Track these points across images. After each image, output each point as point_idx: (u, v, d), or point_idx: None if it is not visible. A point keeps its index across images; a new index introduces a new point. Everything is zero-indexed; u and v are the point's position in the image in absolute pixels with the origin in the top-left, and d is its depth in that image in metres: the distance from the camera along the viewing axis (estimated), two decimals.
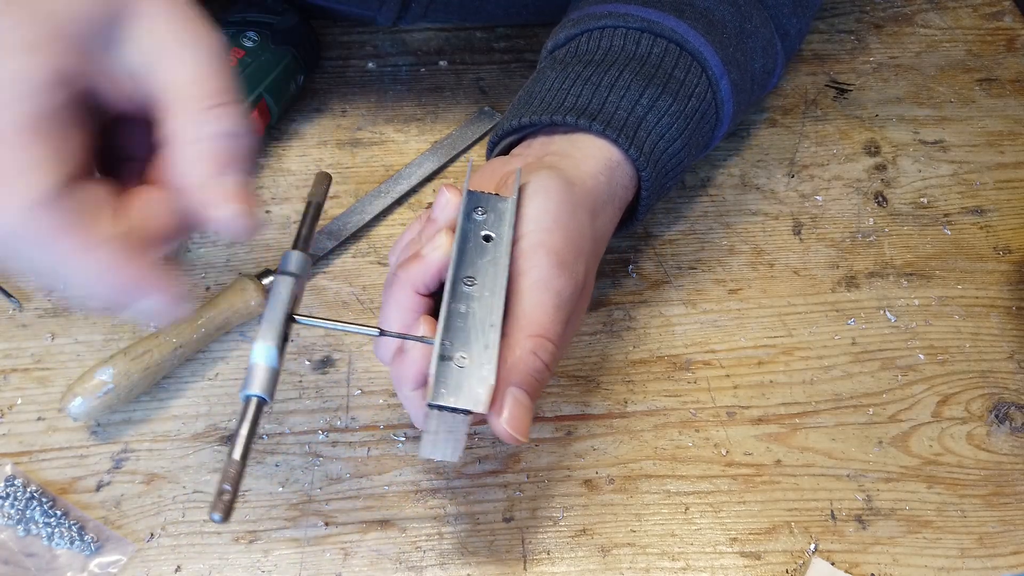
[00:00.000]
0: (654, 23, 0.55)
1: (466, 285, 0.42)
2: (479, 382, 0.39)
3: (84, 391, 0.52)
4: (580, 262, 0.46)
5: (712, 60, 0.56)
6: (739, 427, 0.57)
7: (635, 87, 0.53)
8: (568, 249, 0.45)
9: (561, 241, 0.45)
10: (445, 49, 0.76)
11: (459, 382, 0.40)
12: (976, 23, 0.81)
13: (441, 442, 0.42)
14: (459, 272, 0.43)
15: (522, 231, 0.45)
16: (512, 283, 0.43)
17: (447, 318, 0.41)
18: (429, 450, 0.42)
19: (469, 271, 0.43)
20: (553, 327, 0.43)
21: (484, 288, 0.42)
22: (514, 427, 0.40)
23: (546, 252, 0.44)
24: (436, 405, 0.39)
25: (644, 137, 0.52)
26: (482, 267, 0.43)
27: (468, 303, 0.42)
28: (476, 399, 0.39)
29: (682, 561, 0.52)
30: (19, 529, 0.50)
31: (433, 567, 0.51)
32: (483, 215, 0.45)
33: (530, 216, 0.45)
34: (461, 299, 0.42)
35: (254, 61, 0.65)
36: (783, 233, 0.66)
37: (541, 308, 0.43)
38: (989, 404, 0.58)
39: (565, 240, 0.45)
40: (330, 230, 0.63)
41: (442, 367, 0.40)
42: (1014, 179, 0.70)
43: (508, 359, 0.41)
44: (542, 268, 0.43)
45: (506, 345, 0.42)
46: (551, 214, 0.45)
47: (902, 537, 0.53)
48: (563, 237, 0.45)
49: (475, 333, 0.41)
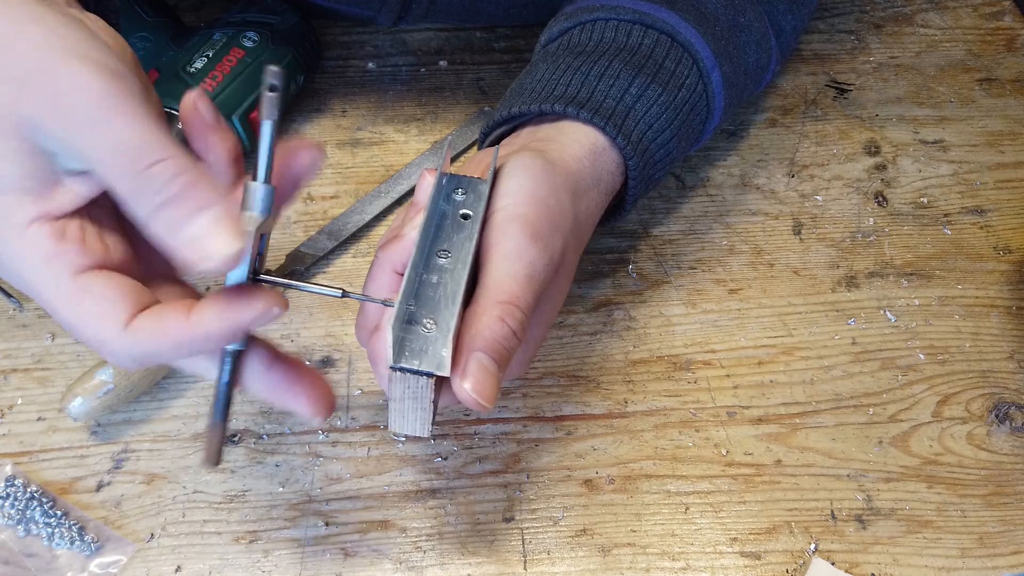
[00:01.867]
0: (646, 15, 0.56)
1: (440, 258, 0.43)
2: (443, 346, 0.40)
3: (84, 391, 0.52)
4: (557, 237, 0.45)
5: (703, 52, 0.56)
6: (739, 427, 0.57)
7: (624, 76, 0.53)
8: (544, 223, 0.45)
9: (536, 214, 0.45)
10: (445, 49, 0.76)
11: (423, 347, 0.40)
12: (976, 23, 0.81)
13: (408, 413, 0.42)
14: (434, 245, 0.43)
15: (498, 205, 0.45)
16: (485, 255, 0.44)
17: (412, 283, 0.41)
18: (398, 423, 0.42)
19: (444, 245, 0.44)
20: (524, 296, 0.43)
21: (457, 261, 0.43)
22: (478, 391, 0.40)
23: (520, 224, 0.44)
24: (398, 367, 0.40)
25: (632, 126, 0.52)
26: (457, 242, 0.44)
27: (440, 274, 0.42)
28: (439, 362, 0.40)
29: (682, 561, 0.52)
30: (19, 529, 0.50)
31: (433, 567, 0.51)
32: (463, 195, 0.46)
33: (507, 191, 0.45)
34: (434, 271, 0.43)
35: (254, 61, 0.65)
36: (783, 233, 0.66)
37: (511, 277, 0.43)
38: (989, 404, 0.58)
39: (540, 214, 0.45)
40: (330, 230, 0.63)
41: (407, 332, 0.40)
42: (1014, 179, 0.70)
43: (474, 325, 0.41)
44: (515, 239, 0.43)
45: (474, 312, 0.42)
46: (527, 189, 0.45)
47: (902, 537, 0.53)
48: (538, 211, 0.45)
49: (444, 302, 0.41)
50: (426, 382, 0.40)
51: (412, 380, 0.40)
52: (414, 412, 0.42)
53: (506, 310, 0.42)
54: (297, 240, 0.63)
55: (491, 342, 0.41)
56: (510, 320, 0.42)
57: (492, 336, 0.41)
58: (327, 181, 0.67)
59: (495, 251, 0.44)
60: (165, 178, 0.35)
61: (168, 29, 0.67)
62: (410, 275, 0.41)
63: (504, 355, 0.42)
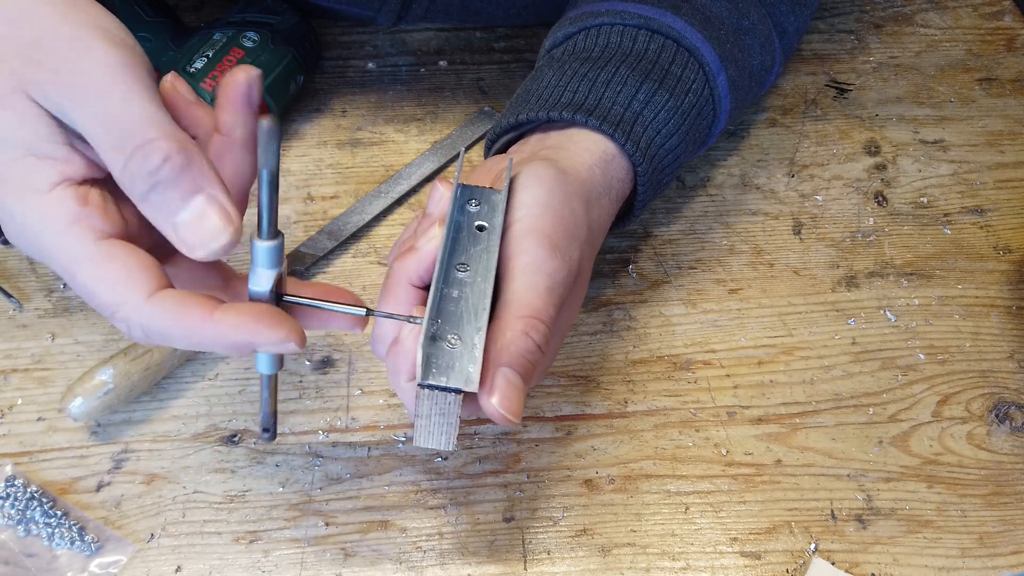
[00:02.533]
0: (651, 19, 0.56)
1: (459, 271, 0.43)
2: (470, 362, 0.40)
3: (84, 391, 0.52)
4: (574, 247, 0.46)
5: (709, 56, 0.56)
6: (739, 427, 0.57)
7: (632, 83, 0.53)
8: (560, 233, 0.45)
9: (552, 225, 0.45)
10: (445, 49, 0.76)
11: (450, 363, 0.40)
12: (976, 23, 0.81)
13: (434, 428, 0.42)
14: (452, 259, 0.43)
15: (514, 217, 0.45)
16: (505, 268, 0.44)
17: (436, 300, 0.41)
18: (423, 438, 0.42)
19: (462, 258, 0.43)
20: (546, 309, 0.43)
21: (477, 274, 0.43)
22: (505, 407, 0.40)
23: (537, 236, 0.44)
24: (426, 385, 0.39)
25: (640, 132, 0.52)
26: (475, 254, 0.44)
27: (461, 288, 0.42)
28: (467, 378, 0.39)
29: (682, 561, 0.52)
30: (19, 529, 0.50)
31: (433, 567, 0.51)
32: (477, 207, 0.46)
33: (522, 203, 0.45)
34: (454, 285, 0.42)
35: (254, 61, 0.65)
36: (783, 233, 0.66)
37: (533, 290, 0.43)
38: (989, 404, 0.58)
39: (557, 224, 0.45)
40: (330, 230, 0.63)
41: (433, 348, 0.40)
42: (1014, 179, 0.70)
43: (499, 340, 0.41)
44: (533, 251, 0.44)
45: (498, 327, 0.42)
46: (542, 200, 0.45)
47: (902, 537, 0.53)
48: (555, 221, 0.45)
49: (467, 316, 0.41)
50: (454, 398, 0.40)
51: (440, 397, 0.40)
52: (440, 427, 0.41)
53: (530, 324, 0.42)
54: (297, 240, 0.63)
55: (517, 357, 0.41)
56: (534, 334, 0.42)
57: (517, 351, 0.41)
58: (327, 181, 0.67)
59: (514, 264, 0.43)
60: (157, 159, 0.35)
61: (168, 29, 0.67)
62: (435, 292, 0.41)
63: (529, 369, 0.42)
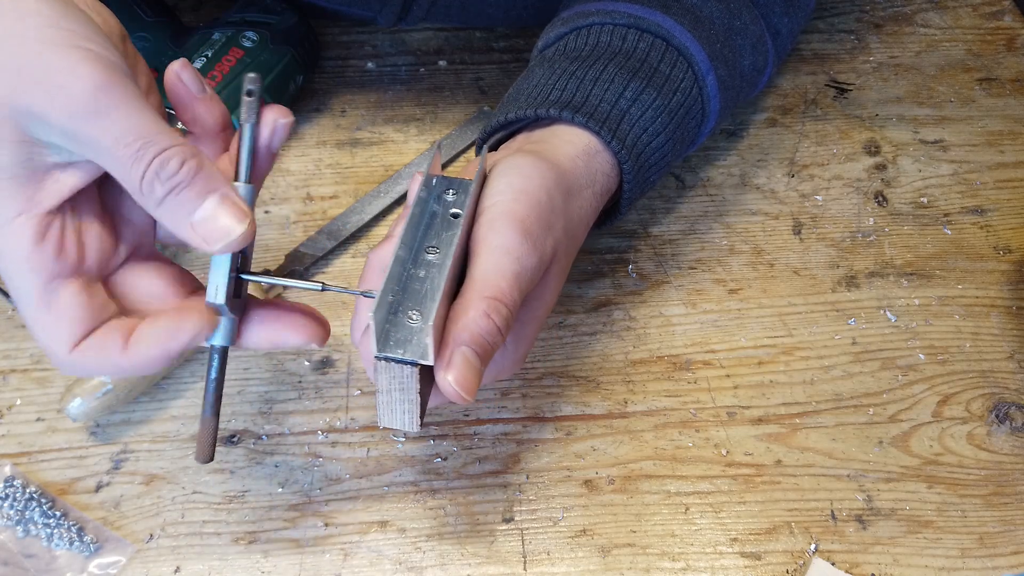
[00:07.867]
0: (640, 19, 0.56)
1: (428, 254, 0.44)
2: (427, 336, 0.40)
3: (83, 392, 0.52)
4: (548, 235, 0.46)
5: (698, 55, 0.56)
6: (739, 427, 0.57)
7: (619, 81, 0.53)
8: (534, 218, 0.45)
9: (527, 210, 0.45)
10: (445, 49, 0.76)
11: (408, 337, 0.41)
12: (976, 23, 0.81)
13: (396, 405, 0.42)
14: (424, 242, 0.44)
15: (490, 202, 0.45)
16: (475, 250, 0.44)
17: (392, 272, 0.42)
18: (387, 417, 0.43)
19: (433, 241, 0.44)
20: (510, 292, 0.43)
21: (445, 257, 0.43)
22: (460, 383, 0.40)
23: (510, 219, 0.44)
24: (383, 356, 0.40)
25: (627, 130, 0.52)
26: (446, 238, 0.44)
27: (428, 269, 0.43)
28: (423, 351, 0.40)
29: (682, 561, 0.52)
30: (18, 530, 0.50)
31: (433, 567, 0.51)
32: (454, 196, 0.46)
33: (498, 188, 0.46)
34: (422, 265, 0.43)
35: (253, 61, 0.65)
36: (783, 233, 0.66)
37: (499, 272, 0.43)
38: (989, 404, 0.58)
39: (531, 209, 0.45)
40: (329, 230, 0.63)
41: (394, 322, 0.41)
42: (1014, 179, 0.70)
43: (461, 319, 0.42)
44: (504, 234, 0.44)
45: (461, 305, 0.42)
46: (518, 186, 0.46)
47: (902, 537, 0.53)
48: (529, 207, 0.45)
49: (430, 295, 0.42)
50: (411, 371, 0.40)
51: (397, 369, 0.41)
52: (401, 404, 0.42)
53: (492, 305, 0.42)
54: (296, 240, 0.63)
55: (476, 336, 0.41)
56: (495, 316, 0.42)
57: (477, 330, 0.41)
58: (326, 181, 0.67)
59: (484, 246, 0.44)
60: (172, 168, 0.37)
61: (167, 29, 0.67)
62: (392, 266, 0.42)
63: (488, 350, 0.42)
